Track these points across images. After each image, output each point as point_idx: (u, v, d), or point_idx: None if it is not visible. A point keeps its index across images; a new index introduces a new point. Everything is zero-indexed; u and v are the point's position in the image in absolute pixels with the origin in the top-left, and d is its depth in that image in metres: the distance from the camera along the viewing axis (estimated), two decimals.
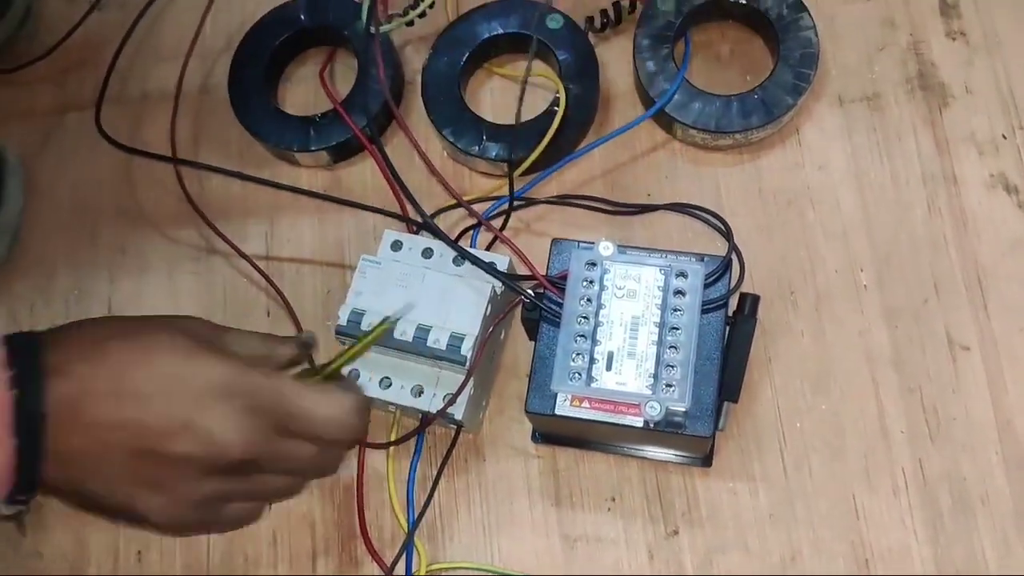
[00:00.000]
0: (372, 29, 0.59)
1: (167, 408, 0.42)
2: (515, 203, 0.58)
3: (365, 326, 0.51)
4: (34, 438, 0.40)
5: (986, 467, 0.53)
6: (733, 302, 0.53)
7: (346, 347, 0.49)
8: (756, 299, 0.52)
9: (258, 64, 0.63)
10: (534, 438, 0.56)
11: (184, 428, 0.42)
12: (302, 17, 0.64)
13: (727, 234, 0.55)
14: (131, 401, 0.41)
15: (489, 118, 0.61)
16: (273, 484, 0.46)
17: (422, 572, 0.53)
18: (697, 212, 0.57)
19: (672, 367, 0.48)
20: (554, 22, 0.61)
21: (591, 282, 0.50)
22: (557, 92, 0.60)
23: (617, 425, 0.49)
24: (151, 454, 0.42)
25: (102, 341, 0.43)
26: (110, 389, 0.41)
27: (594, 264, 0.50)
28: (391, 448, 0.55)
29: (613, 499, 0.54)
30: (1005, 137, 0.58)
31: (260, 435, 0.43)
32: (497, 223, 0.58)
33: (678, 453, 0.54)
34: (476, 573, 0.54)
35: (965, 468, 0.53)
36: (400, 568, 0.53)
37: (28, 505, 0.42)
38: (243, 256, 0.61)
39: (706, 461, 0.54)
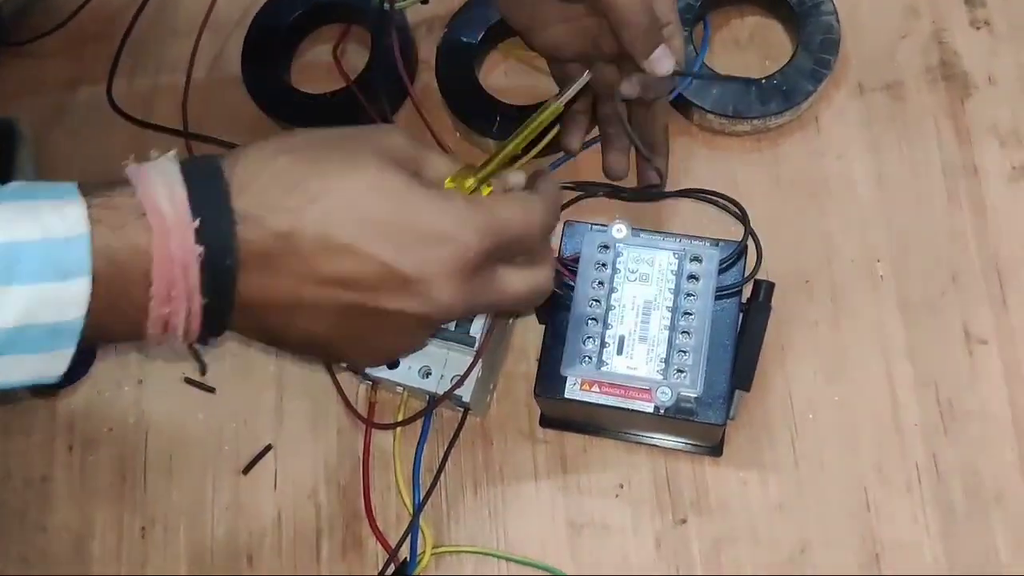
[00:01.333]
0: (386, 5, 0.58)
1: (384, 263, 0.37)
2: None
3: None
4: (224, 295, 0.36)
5: (1001, 463, 0.52)
6: (748, 289, 0.52)
7: (505, 141, 0.44)
8: (771, 286, 0.52)
9: (271, 40, 0.63)
10: (542, 423, 0.55)
11: (402, 286, 0.37)
12: None
13: (743, 219, 0.54)
14: (341, 255, 0.37)
15: (503, 99, 0.60)
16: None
17: (427, 554, 0.52)
18: (712, 198, 0.56)
19: (684, 352, 0.47)
20: None
21: (604, 265, 0.49)
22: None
23: (627, 410, 0.48)
24: (360, 310, 0.38)
25: (300, 178, 0.37)
26: (315, 241, 0.36)
27: (607, 247, 0.49)
28: (398, 429, 0.54)
29: (621, 486, 0.54)
30: None
31: (480, 284, 0.40)
32: None
33: (688, 441, 0.53)
34: (481, 557, 0.53)
35: (980, 464, 0.52)
36: (404, 550, 0.52)
37: (206, 344, 0.40)
38: None
39: (716, 450, 0.53)
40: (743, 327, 0.51)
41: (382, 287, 0.38)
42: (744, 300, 0.52)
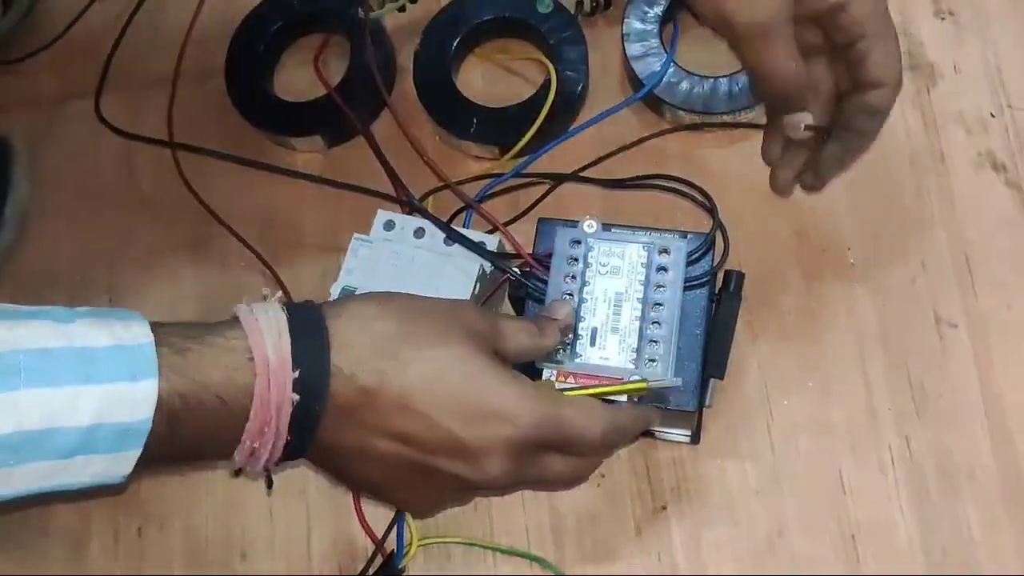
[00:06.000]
0: (361, 14, 0.60)
1: (451, 432, 0.43)
2: (504, 183, 0.59)
3: None
4: (307, 436, 0.42)
5: (972, 443, 0.53)
6: (721, 280, 0.53)
7: (595, 385, 0.48)
8: (741, 276, 0.53)
9: (254, 51, 0.64)
10: None
11: (461, 451, 0.43)
12: (295, 4, 0.65)
13: (712, 211, 0.55)
14: (417, 419, 0.42)
15: (481, 102, 0.62)
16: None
17: (413, 546, 0.53)
18: (682, 188, 0.57)
19: (655, 342, 0.49)
20: (544, 6, 0.62)
21: (575, 259, 0.50)
22: (547, 76, 0.60)
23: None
24: (421, 467, 0.44)
25: (394, 345, 0.43)
26: (395, 401, 0.42)
27: (578, 242, 0.51)
28: None
29: (602, 476, 0.55)
30: (993, 116, 0.59)
31: (527, 464, 0.45)
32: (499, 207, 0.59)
33: (665, 430, 0.54)
34: (468, 547, 0.54)
35: (952, 444, 0.53)
36: (392, 542, 0.54)
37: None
38: (240, 240, 0.62)
39: (694, 438, 0.54)
40: (715, 317, 0.52)
41: (442, 451, 0.43)
42: (717, 291, 0.53)
